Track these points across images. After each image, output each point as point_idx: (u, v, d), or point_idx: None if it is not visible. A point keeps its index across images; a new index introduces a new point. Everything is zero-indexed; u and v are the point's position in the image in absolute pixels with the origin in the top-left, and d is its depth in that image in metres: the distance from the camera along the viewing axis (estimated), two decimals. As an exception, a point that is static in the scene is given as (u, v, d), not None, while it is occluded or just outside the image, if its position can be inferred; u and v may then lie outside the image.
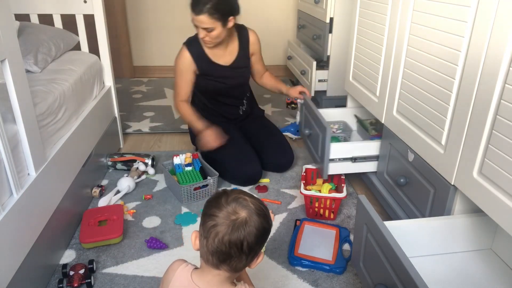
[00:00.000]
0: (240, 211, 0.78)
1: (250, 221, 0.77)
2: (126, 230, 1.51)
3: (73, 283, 1.22)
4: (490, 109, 0.94)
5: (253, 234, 0.77)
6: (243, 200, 0.79)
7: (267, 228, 0.81)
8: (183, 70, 1.83)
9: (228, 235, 0.75)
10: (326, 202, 1.56)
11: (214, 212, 0.78)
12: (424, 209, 1.27)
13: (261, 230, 0.78)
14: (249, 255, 0.79)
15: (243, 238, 0.76)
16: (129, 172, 1.86)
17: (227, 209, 0.77)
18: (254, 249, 0.79)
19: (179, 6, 3.35)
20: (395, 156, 1.46)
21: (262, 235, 0.79)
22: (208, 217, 0.78)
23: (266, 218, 0.81)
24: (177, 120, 2.58)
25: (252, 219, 0.77)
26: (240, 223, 0.76)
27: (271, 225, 0.83)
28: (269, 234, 0.83)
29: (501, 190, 0.91)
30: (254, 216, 0.78)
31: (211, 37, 1.69)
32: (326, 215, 1.60)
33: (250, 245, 0.77)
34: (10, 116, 1.13)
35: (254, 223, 0.77)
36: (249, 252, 0.78)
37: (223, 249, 0.76)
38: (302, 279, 1.29)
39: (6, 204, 1.05)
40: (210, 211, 0.79)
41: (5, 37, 1.04)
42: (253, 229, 0.77)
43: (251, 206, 0.79)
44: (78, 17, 1.95)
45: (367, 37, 1.63)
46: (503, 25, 0.89)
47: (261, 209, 0.80)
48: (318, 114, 1.66)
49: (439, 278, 1.08)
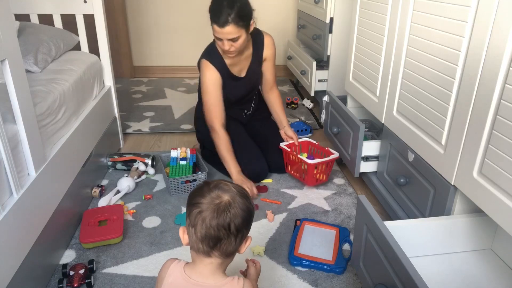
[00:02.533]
0: (223, 195, 0.81)
1: (234, 203, 0.81)
2: (126, 230, 1.51)
3: (73, 283, 1.22)
4: (490, 109, 0.94)
5: (238, 215, 0.80)
6: (224, 185, 0.83)
7: (251, 209, 0.84)
8: (215, 87, 1.73)
9: (215, 219, 0.78)
10: (322, 167, 1.74)
11: (198, 200, 0.81)
12: (424, 209, 1.27)
13: (246, 210, 0.82)
14: (237, 236, 0.81)
15: (229, 220, 0.79)
16: (129, 172, 1.86)
17: (210, 195, 0.81)
18: (242, 231, 0.82)
19: (179, 6, 3.36)
20: (395, 156, 1.46)
21: (247, 216, 0.82)
22: (193, 205, 0.81)
23: (249, 199, 0.85)
24: (177, 120, 2.58)
25: (236, 201, 0.81)
26: (225, 206, 0.80)
27: (253, 207, 0.86)
28: (253, 216, 0.86)
29: (501, 190, 0.91)
30: (237, 197, 0.82)
31: (236, 46, 1.62)
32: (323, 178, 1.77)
33: (237, 226, 0.80)
34: (10, 116, 1.13)
35: (238, 204, 0.81)
36: (237, 233, 0.81)
37: (212, 233, 0.79)
38: (302, 279, 1.29)
39: (6, 204, 1.05)
40: (194, 200, 0.82)
41: (5, 37, 1.04)
42: (238, 210, 0.80)
43: (232, 190, 0.83)
44: (78, 17, 1.95)
45: (367, 37, 1.63)
46: (503, 25, 0.89)
47: (243, 191, 0.85)
48: (348, 112, 1.69)
49: (439, 278, 1.08)
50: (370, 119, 1.89)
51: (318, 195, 1.77)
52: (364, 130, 1.60)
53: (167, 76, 3.54)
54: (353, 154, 1.67)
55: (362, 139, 1.60)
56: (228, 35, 1.57)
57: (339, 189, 1.81)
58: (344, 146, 1.79)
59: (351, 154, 1.70)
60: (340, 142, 1.84)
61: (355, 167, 1.65)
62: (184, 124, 2.51)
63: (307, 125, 2.39)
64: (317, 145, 1.88)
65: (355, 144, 1.64)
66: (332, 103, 1.91)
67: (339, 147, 1.84)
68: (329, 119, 1.97)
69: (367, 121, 1.88)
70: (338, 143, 1.86)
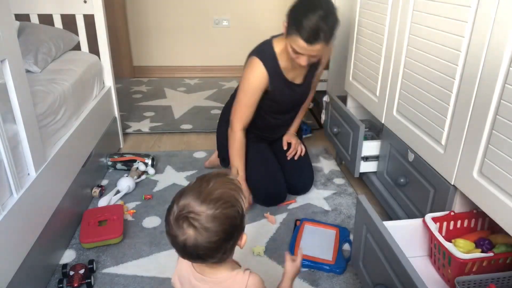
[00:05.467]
0: (187, 229, 0.73)
1: (199, 238, 0.73)
2: (126, 230, 1.51)
3: (73, 283, 1.22)
4: (490, 109, 0.94)
5: (206, 248, 0.74)
6: (188, 218, 0.73)
7: (226, 229, 0.75)
8: (255, 89, 1.53)
9: (186, 253, 0.76)
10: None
11: (168, 230, 0.76)
12: (424, 209, 1.26)
13: (215, 241, 0.74)
14: (221, 251, 0.76)
15: (197, 253, 0.74)
16: (129, 172, 1.86)
17: (175, 229, 0.74)
18: (220, 252, 0.76)
19: (179, 6, 3.36)
20: (395, 156, 1.46)
21: (219, 243, 0.75)
22: (167, 234, 0.77)
23: (221, 223, 0.74)
24: (177, 120, 2.58)
25: (201, 237, 0.73)
26: (190, 243, 0.73)
27: (235, 219, 0.76)
28: (237, 225, 0.77)
29: (501, 190, 0.91)
30: (202, 233, 0.72)
31: (312, 61, 1.46)
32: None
33: (210, 255, 0.75)
34: (10, 116, 1.13)
35: (203, 240, 0.73)
36: (214, 258, 0.76)
37: (194, 258, 0.77)
38: (302, 279, 1.29)
39: (6, 204, 1.05)
40: (166, 223, 0.77)
41: (5, 37, 1.04)
42: (205, 244, 0.73)
43: (196, 224, 0.73)
44: (78, 17, 1.95)
45: (367, 37, 1.63)
46: (503, 25, 0.89)
47: (214, 218, 0.73)
48: (348, 112, 1.68)
49: (438, 278, 1.08)
50: (370, 119, 1.89)
51: (318, 195, 1.77)
52: (364, 130, 1.60)
53: (167, 76, 3.54)
54: (353, 154, 1.67)
55: (362, 139, 1.60)
56: (314, 52, 1.37)
57: (339, 189, 1.81)
58: (344, 146, 1.79)
59: (351, 154, 1.70)
60: (340, 142, 1.84)
61: (355, 167, 1.65)
62: (184, 124, 2.51)
63: (307, 125, 2.39)
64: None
65: (355, 144, 1.64)
66: (332, 103, 1.91)
67: (339, 147, 1.84)
68: (329, 119, 1.97)
69: (367, 121, 1.88)
70: (338, 143, 1.86)
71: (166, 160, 2.04)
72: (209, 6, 3.37)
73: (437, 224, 1.08)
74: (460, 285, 0.94)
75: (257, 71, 1.50)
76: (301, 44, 1.35)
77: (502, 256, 0.98)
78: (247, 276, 0.82)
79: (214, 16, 3.41)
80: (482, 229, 1.13)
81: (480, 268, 0.98)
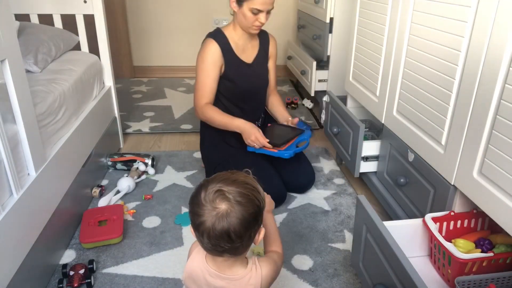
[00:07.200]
0: (219, 204, 0.78)
1: (231, 212, 0.77)
2: (126, 230, 1.51)
3: (73, 283, 1.22)
4: (490, 109, 0.94)
5: (237, 224, 0.77)
6: (221, 192, 0.79)
7: (253, 212, 0.80)
8: (210, 64, 1.62)
9: (214, 231, 0.77)
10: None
11: (197, 211, 0.79)
12: (424, 209, 1.26)
13: (245, 217, 0.78)
14: (242, 241, 0.80)
15: (227, 229, 0.77)
16: (129, 172, 1.86)
17: (206, 207, 0.78)
18: (246, 235, 0.80)
19: (179, 6, 3.36)
20: (395, 156, 1.46)
21: (248, 222, 0.79)
22: (193, 215, 0.80)
23: (250, 203, 0.80)
24: (177, 120, 2.58)
25: (233, 210, 0.78)
26: (222, 216, 0.77)
27: (259, 205, 0.82)
28: (260, 213, 0.83)
29: (501, 190, 0.91)
30: (235, 206, 0.78)
31: (267, 19, 1.60)
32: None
33: (238, 233, 0.78)
34: (10, 116, 1.13)
35: (235, 213, 0.77)
36: (241, 239, 0.79)
37: (214, 243, 0.79)
38: (302, 279, 1.29)
39: (6, 204, 1.06)
40: (193, 209, 0.81)
41: (5, 37, 1.04)
42: (235, 219, 0.77)
43: (230, 197, 0.78)
44: (78, 17, 1.95)
45: (367, 37, 1.63)
46: (503, 25, 0.89)
47: (243, 195, 0.79)
48: (348, 112, 1.69)
49: (438, 278, 1.08)
50: (370, 119, 1.89)
51: (318, 195, 1.77)
52: (364, 130, 1.60)
53: (167, 76, 3.54)
54: (353, 154, 1.67)
55: (362, 139, 1.60)
56: (271, 5, 1.56)
57: (339, 189, 1.81)
58: (344, 146, 1.79)
59: (351, 154, 1.70)
60: (340, 142, 1.84)
61: (355, 167, 1.65)
62: (184, 124, 2.51)
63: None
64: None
65: (355, 144, 1.64)
66: (332, 103, 1.91)
67: (339, 147, 1.84)
68: (329, 119, 1.97)
69: (367, 121, 1.88)
70: (338, 143, 1.86)
71: (166, 160, 2.05)
72: (209, 6, 3.37)
73: (437, 224, 1.08)
74: (460, 285, 0.95)
75: (211, 47, 1.63)
76: (260, 1, 1.52)
77: (502, 256, 0.98)
78: (259, 268, 0.86)
79: (214, 16, 3.41)
80: (482, 229, 1.13)
81: (480, 268, 0.98)
